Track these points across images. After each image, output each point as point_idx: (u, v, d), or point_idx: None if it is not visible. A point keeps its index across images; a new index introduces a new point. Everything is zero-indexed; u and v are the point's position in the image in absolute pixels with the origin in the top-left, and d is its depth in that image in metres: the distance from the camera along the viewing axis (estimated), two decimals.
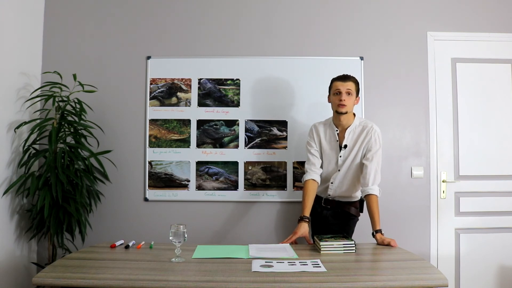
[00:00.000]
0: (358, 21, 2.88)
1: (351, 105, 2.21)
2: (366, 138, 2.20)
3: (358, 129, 2.24)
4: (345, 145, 2.24)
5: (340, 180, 2.28)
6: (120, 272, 1.60)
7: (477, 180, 2.84)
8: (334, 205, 2.32)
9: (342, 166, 2.26)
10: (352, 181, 2.27)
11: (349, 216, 2.32)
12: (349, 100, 2.18)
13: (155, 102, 2.83)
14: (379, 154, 2.19)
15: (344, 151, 2.24)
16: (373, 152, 2.17)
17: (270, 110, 2.81)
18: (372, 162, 2.16)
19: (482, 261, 2.79)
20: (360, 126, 2.24)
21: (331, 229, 2.27)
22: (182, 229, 1.76)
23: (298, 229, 2.12)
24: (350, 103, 2.19)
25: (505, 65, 2.88)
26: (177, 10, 2.87)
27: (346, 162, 2.25)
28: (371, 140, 2.19)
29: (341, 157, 2.25)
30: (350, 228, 2.33)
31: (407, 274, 1.58)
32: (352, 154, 2.24)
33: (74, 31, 2.85)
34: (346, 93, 2.18)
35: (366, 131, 2.21)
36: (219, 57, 2.84)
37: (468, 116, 2.86)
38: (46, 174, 2.46)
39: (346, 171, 2.26)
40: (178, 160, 2.80)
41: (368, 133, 2.20)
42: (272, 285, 1.46)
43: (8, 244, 2.45)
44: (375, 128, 2.21)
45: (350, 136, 2.24)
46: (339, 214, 2.32)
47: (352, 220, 2.33)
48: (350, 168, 2.26)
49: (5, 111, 2.44)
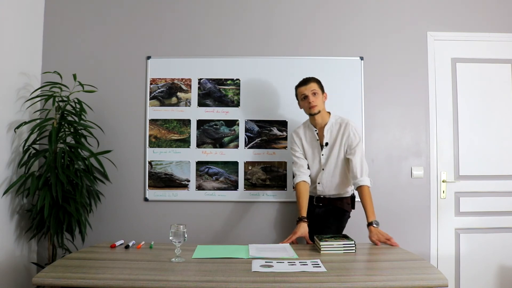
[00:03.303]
0: (358, 21, 2.88)
1: (321, 104, 2.28)
2: (345, 134, 2.26)
3: (336, 126, 2.30)
4: (326, 143, 2.28)
5: (328, 179, 2.30)
6: (120, 272, 1.60)
7: (477, 180, 2.84)
8: (326, 202, 2.35)
9: (326, 165, 2.29)
10: (340, 179, 2.30)
11: (341, 212, 2.34)
12: (317, 99, 2.26)
13: (155, 102, 2.83)
14: (361, 146, 2.25)
15: (326, 149, 2.29)
16: (354, 145, 2.23)
17: (270, 110, 2.81)
18: (356, 155, 2.21)
19: (482, 261, 2.79)
20: (337, 123, 2.30)
21: (324, 226, 2.29)
22: (182, 229, 1.76)
23: (298, 229, 2.14)
24: (319, 102, 2.26)
25: (505, 65, 2.88)
26: (177, 10, 2.87)
27: (330, 160, 2.28)
28: (350, 135, 2.25)
29: (323, 155, 2.29)
30: (343, 225, 2.35)
31: (407, 274, 1.58)
32: (334, 152, 2.27)
33: (74, 31, 2.85)
34: (312, 94, 2.26)
35: (343, 127, 2.27)
36: (219, 57, 2.84)
37: (468, 116, 2.86)
38: (46, 174, 2.46)
39: (333, 170, 2.29)
40: (178, 160, 2.80)
41: (345, 129, 2.26)
42: (272, 285, 1.46)
43: (8, 244, 2.45)
44: (351, 123, 2.28)
45: (329, 134, 2.29)
46: (331, 211, 2.34)
47: (344, 216, 2.35)
48: (336, 167, 2.29)
49: (5, 111, 2.44)
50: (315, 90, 2.27)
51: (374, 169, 2.80)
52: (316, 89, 2.27)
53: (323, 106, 2.30)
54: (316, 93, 2.27)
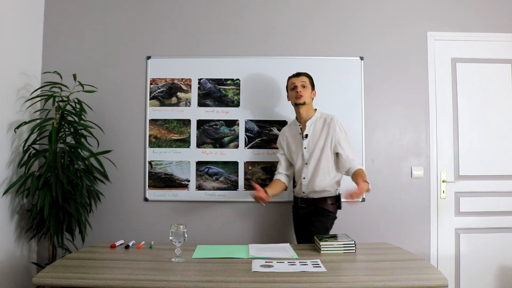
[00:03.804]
0: (358, 21, 2.88)
1: (307, 97, 2.32)
2: (330, 129, 2.28)
3: (320, 121, 2.33)
4: (305, 135, 2.30)
5: (311, 174, 2.30)
6: (120, 272, 1.60)
7: (477, 180, 2.84)
8: (309, 203, 2.33)
9: (310, 160, 2.30)
10: (323, 175, 2.28)
11: (324, 212, 2.29)
12: (305, 91, 2.31)
13: (155, 102, 2.83)
14: (348, 139, 2.31)
15: (307, 142, 2.30)
16: (341, 140, 2.27)
17: (270, 110, 2.81)
18: (344, 148, 2.26)
19: (482, 261, 2.79)
20: (322, 119, 2.33)
21: (307, 227, 2.29)
22: (182, 229, 1.76)
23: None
24: (306, 94, 2.32)
25: (505, 65, 2.88)
26: (177, 10, 2.87)
27: (314, 155, 2.29)
28: (336, 130, 2.27)
29: (306, 148, 2.31)
30: (326, 225, 2.29)
31: (407, 274, 1.58)
32: (318, 146, 2.29)
33: (74, 31, 2.85)
34: (301, 86, 2.32)
35: (327, 123, 2.30)
36: (219, 57, 2.84)
37: (468, 116, 2.86)
38: (46, 174, 2.46)
39: (316, 165, 2.29)
40: (178, 160, 2.80)
41: (330, 125, 2.29)
42: (272, 285, 1.46)
43: (8, 244, 2.45)
44: (335, 119, 2.31)
45: (312, 128, 2.32)
46: (313, 212, 2.31)
47: (328, 216, 2.30)
48: (319, 161, 2.28)
49: (5, 111, 2.44)
50: (305, 83, 2.33)
51: (374, 169, 2.81)
52: (306, 82, 2.33)
53: (309, 100, 2.34)
54: (306, 86, 2.33)
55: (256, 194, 2.17)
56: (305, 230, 2.31)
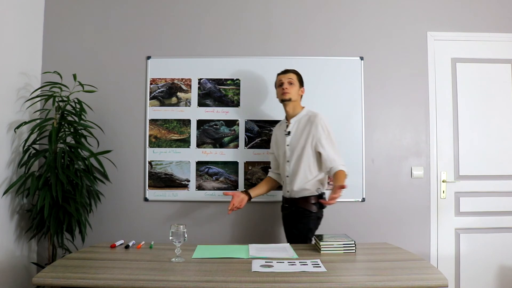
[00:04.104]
0: (358, 21, 2.88)
1: (294, 94, 2.31)
2: (312, 126, 2.22)
3: (305, 118, 2.29)
4: (288, 132, 2.30)
5: (292, 171, 2.28)
6: (120, 272, 1.60)
7: (477, 180, 2.85)
8: (291, 203, 2.30)
9: (292, 157, 2.28)
10: (303, 173, 2.24)
11: (305, 213, 2.23)
12: (291, 88, 2.30)
13: (155, 102, 2.83)
14: (331, 138, 2.22)
15: (290, 139, 2.29)
16: (323, 139, 2.20)
17: (270, 110, 2.81)
18: (325, 148, 2.20)
19: (482, 261, 2.79)
20: (307, 116, 2.29)
21: (289, 227, 2.29)
22: (182, 229, 1.76)
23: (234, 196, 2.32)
24: (293, 91, 2.30)
25: (505, 65, 2.88)
26: (177, 10, 2.87)
27: (295, 153, 2.27)
28: (318, 128, 2.21)
29: (289, 146, 2.30)
30: (308, 226, 2.23)
31: (407, 274, 1.58)
32: (300, 144, 2.25)
33: (74, 31, 2.85)
34: (288, 83, 2.31)
35: (311, 120, 2.25)
36: (219, 57, 2.84)
37: (468, 116, 2.87)
38: (46, 174, 2.46)
39: (297, 162, 2.26)
40: (178, 160, 2.80)
41: (313, 122, 2.23)
42: (272, 285, 1.46)
43: (8, 244, 2.45)
44: (320, 116, 2.24)
45: (296, 125, 2.30)
46: (295, 213, 2.27)
47: (309, 217, 2.23)
48: (300, 159, 2.24)
49: (5, 111, 2.44)
50: (292, 80, 2.32)
51: (374, 169, 2.81)
52: (293, 79, 2.32)
53: (296, 97, 2.33)
54: (292, 83, 2.31)
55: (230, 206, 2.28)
56: (286, 231, 2.33)
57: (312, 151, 2.24)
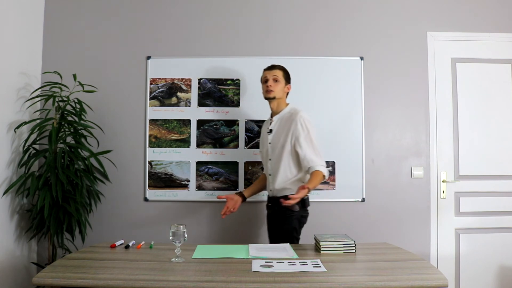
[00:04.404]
0: (358, 21, 2.88)
1: (279, 91, 2.26)
2: (292, 124, 2.18)
3: (287, 116, 2.26)
4: (270, 130, 2.28)
5: (274, 170, 2.26)
6: (120, 272, 1.60)
7: (477, 180, 2.85)
8: (273, 202, 2.27)
9: (273, 156, 2.27)
10: (283, 172, 2.21)
11: (287, 212, 2.18)
12: (276, 86, 2.25)
13: (155, 102, 2.83)
14: (310, 137, 2.16)
15: (272, 137, 2.27)
16: (301, 138, 2.15)
17: (270, 110, 2.80)
18: (302, 147, 2.15)
19: (482, 261, 2.79)
20: (289, 113, 2.25)
21: (272, 227, 2.27)
22: (182, 229, 1.76)
23: (229, 199, 2.32)
24: (277, 89, 2.25)
25: (505, 65, 2.88)
26: (177, 10, 2.87)
27: (276, 151, 2.24)
28: (297, 126, 2.16)
29: (270, 144, 2.28)
30: (292, 226, 2.20)
31: (407, 274, 1.58)
32: (280, 141, 2.22)
33: (74, 31, 2.85)
34: (273, 80, 2.26)
35: (291, 118, 2.20)
36: (219, 57, 2.84)
37: (468, 116, 2.87)
38: (46, 174, 2.46)
39: (277, 160, 2.24)
40: (178, 160, 2.80)
41: (293, 120, 2.18)
42: (272, 285, 1.46)
43: (8, 244, 2.45)
44: (301, 114, 2.19)
45: (278, 123, 2.27)
46: (277, 212, 2.23)
47: (292, 217, 2.19)
48: (280, 157, 2.21)
49: (5, 111, 2.44)
50: (277, 77, 2.26)
51: (374, 169, 2.81)
52: (278, 76, 2.26)
53: (281, 95, 2.28)
54: (277, 80, 2.26)
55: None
56: (270, 230, 2.30)
57: (292, 150, 2.19)
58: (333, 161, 2.80)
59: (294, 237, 2.21)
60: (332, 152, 2.79)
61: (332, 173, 2.79)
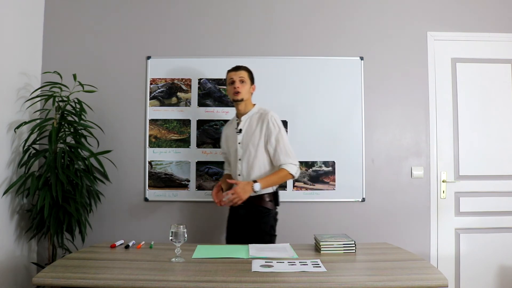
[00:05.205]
0: (358, 21, 2.88)
1: (245, 92, 2.28)
2: (264, 124, 2.23)
3: (256, 116, 2.28)
4: (240, 129, 2.29)
5: (246, 171, 2.26)
6: (120, 272, 1.60)
7: (477, 180, 2.85)
8: (247, 202, 2.22)
9: (244, 156, 2.26)
10: (258, 171, 2.23)
11: (264, 211, 2.23)
12: (243, 87, 2.27)
13: (155, 102, 2.83)
14: (282, 135, 2.22)
15: (241, 137, 2.28)
16: (273, 136, 2.21)
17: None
18: (273, 145, 2.21)
19: (482, 261, 2.79)
20: (258, 113, 2.29)
21: (247, 227, 2.24)
22: (182, 229, 1.76)
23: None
24: (244, 90, 2.27)
25: (505, 65, 2.88)
26: (177, 10, 2.87)
27: (248, 151, 2.25)
28: (269, 125, 2.21)
29: (240, 144, 2.28)
30: (269, 224, 2.24)
31: (407, 274, 1.58)
32: (252, 142, 2.24)
33: (74, 31, 2.85)
34: (240, 81, 2.27)
35: (262, 118, 2.25)
36: (219, 57, 2.84)
37: (468, 116, 2.87)
38: (46, 174, 2.46)
39: (252, 161, 2.24)
40: (178, 160, 2.80)
41: (264, 120, 2.23)
42: (272, 285, 1.46)
43: (8, 244, 2.45)
44: (271, 114, 2.25)
45: (247, 123, 2.29)
46: (253, 211, 2.24)
47: (269, 215, 2.24)
48: (255, 157, 2.23)
49: (5, 111, 2.44)
50: (243, 78, 2.28)
51: (374, 169, 2.81)
52: (244, 77, 2.29)
53: (248, 96, 2.31)
54: (244, 81, 2.28)
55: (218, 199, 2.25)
56: (244, 231, 2.25)
57: (265, 149, 2.24)
58: (333, 161, 2.80)
59: (272, 235, 2.26)
60: (332, 152, 2.79)
61: (332, 173, 2.79)
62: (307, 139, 2.80)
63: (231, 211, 2.39)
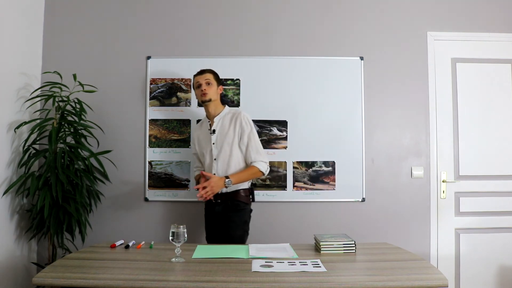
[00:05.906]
0: (358, 21, 2.88)
1: (213, 93, 2.33)
2: (237, 123, 2.29)
3: (228, 116, 2.34)
4: (213, 130, 2.32)
5: (222, 170, 2.29)
6: (120, 272, 1.60)
7: (477, 180, 2.85)
8: (224, 198, 2.29)
9: (219, 155, 2.29)
10: (234, 169, 2.28)
11: (240, 205, 2.30)
12: (209, 89, 2.32)
13: (155, 102, 2.83)
14: (253, 134, 2.31)
15: (215, 137, 2.31)
16: (246, 134, 2.28)
17: (270, 110, 2.81)
18: (245, 143, 2.28)
19: (482, 261, 2.79)
20: (230, 114, 2.35)
21: (226, 223, 2.27)
22: (182, 229, 1.76)
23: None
24: (211, 91, 2.32)
25: (505, 65, 2.88)
26: (177, 10, 2.87)
27: (223, 150, 2.29)
28: (242, 124, 2.29)
29: (214, 144, 2.31)
30: (244, 218, 2.31)
31: (407, 274, 1.58)
32: (227, 142, 2.29)
33: (74, 31, 2.85)
34: (206, 83, 2.32)
35: (235, 117, 2.31)
36: (219, 57, 2.84)
37: (468, 116, 2.87)
38: (46, 174, 2.46)
39: (228, 160, 2.28)
40: (178, 160, 2.80)
41: (237, 119, 2.30)
42: (272, 285, 1.46)
43: (8, 244, 2.45)
44: (243, 114, 2.33)
45: (220, 123, 2.33)
46: (230, 207, 2.29)
47: (244, 210, 2.32)
48: (231, 156, 2.28)
49: (5, 111, 2.44)
50: (209, 80, 2.33)
51: (374, 169, 2.81)
52: (210, 79, 2.34)
53: (216, 97, 2.35)
54: (210, 83, 2.33)
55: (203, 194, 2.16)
56: (223, 227, 2.28)
57: (239, 148, 2.29)
58: (333, 161, 2.80)
59: (245, 231, 2.31)
60: (332, 152, 2.79)
61: (332, 173, 2.79)
62: (307, 139, 2.80)
63: (207, 210, 2.42)
